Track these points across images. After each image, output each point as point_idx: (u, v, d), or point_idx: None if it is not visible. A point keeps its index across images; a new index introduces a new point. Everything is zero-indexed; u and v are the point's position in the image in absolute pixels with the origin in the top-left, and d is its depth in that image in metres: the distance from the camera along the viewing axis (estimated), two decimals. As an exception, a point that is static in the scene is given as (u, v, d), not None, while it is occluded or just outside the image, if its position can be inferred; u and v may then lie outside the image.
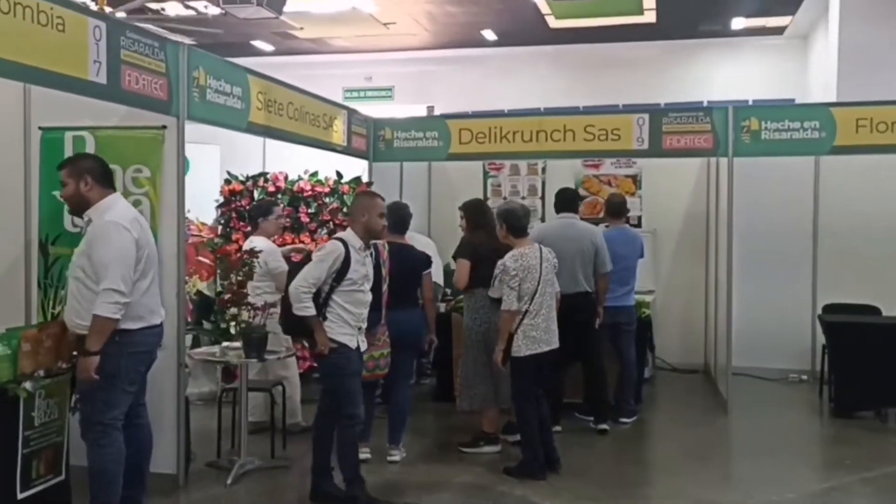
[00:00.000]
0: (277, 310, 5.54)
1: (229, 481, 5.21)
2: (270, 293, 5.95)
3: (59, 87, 4.25)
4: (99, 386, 4.07)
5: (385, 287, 5.63)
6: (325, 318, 4.76)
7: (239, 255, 5.69)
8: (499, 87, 16.09)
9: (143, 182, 5.12)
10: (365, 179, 7.74)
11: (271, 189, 7.43)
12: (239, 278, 5.34)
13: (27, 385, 4.10)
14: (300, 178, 7.57)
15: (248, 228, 7.01)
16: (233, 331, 5.35)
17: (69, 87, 4.27)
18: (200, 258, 7.24)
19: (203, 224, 7.31)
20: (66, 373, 4.39)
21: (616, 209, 7.05)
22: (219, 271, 5.91)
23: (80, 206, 4.33)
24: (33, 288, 5.31)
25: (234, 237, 7.30)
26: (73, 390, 4.50)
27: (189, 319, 5.85)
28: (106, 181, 4.37)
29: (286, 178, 7.55)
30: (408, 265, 5.72)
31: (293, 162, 7.73)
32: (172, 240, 5.08)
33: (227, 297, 5.33)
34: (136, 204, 5.11)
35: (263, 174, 7.54)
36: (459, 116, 8.03)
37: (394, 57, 17.08)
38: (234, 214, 7.39)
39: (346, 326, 4.81)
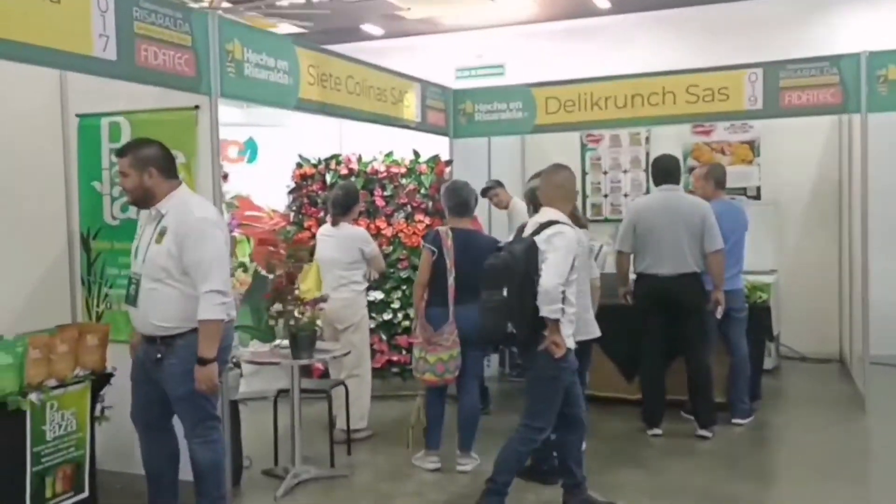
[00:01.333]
0: (325, 306, 4.99)
1: (279, 493, 4.69)
2: (359, 282, 5.69)
3: (60, 66, 3.85)
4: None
5: (451, 280, 4.98)
6: None
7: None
8: (614, 57, 14.90)
9: (179, 169, 4.64)
10: (446, 158, 7.08)
11: (343, 171, 6.88)
12: (287, 270, 4.80)
13: (33, 397, 3.67)
14: (374, 160, 6.98)
15: (321, 214, 6.51)
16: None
17: (72, 65, 3.79)
18: (272, 248, 6.78)
19: (274, 211, 6.84)
20: (84, 381, 3.95)
21: (721, 179, 6.07)
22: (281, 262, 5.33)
23: (143, 199, 3.89)
24: (77, 285, 4.95)
25: (306, 224, 6.81)
26: (97, 399, 4.10)
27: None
28: (171, 171, 3.93)
29: (359, 159, 6.97)
30: (474, 253, 5.03)
31: (371, 142, 7.14)
32: (210, 231, 4.59)
33: (275, 290, 4.76)
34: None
35: (335, 156, 6.99)
36: (545, 84, 7.16)
37: (504, 32, 16.27)
38: (305, 200, 6.89)
39: (569, 326, 4.13)
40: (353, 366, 5.79)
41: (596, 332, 4.93)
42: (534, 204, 4.85)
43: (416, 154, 7.00)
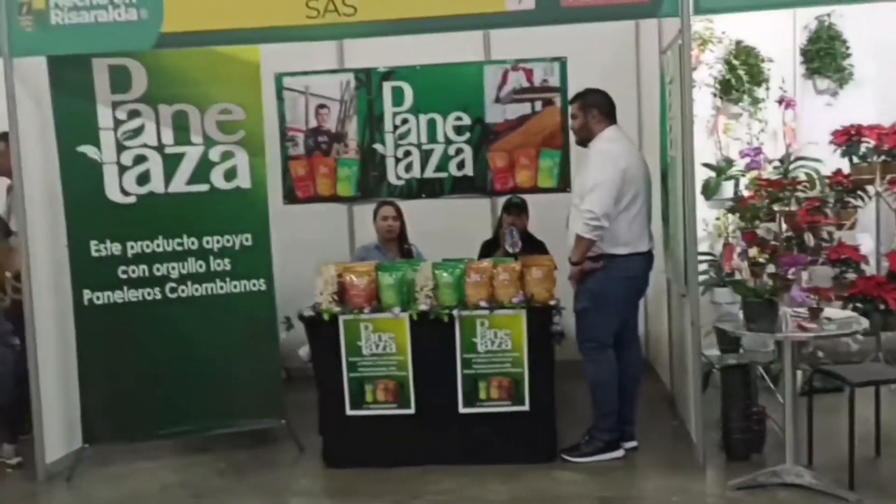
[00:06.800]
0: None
1: (737, 482, 3.68)
2: None
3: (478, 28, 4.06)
4: (589, 307, 4.15)
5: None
6: None
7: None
8: None
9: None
10: None
11: None
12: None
13: (455, 311, 4.11)
14: None
15: None
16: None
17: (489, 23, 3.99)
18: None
19: None
20: (516, 307, 4.11)
21: None
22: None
23: (585, 138, 4.30)
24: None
25: None
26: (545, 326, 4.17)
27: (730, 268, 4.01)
28: (609, 114, 4.21)
29: None
30: None
31: None
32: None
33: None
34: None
35: None
36: None
37: None
38: None
39: None
40: None
41: None
42: None
43: None
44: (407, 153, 5.46)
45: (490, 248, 5.26)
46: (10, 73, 3.97)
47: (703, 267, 4.87)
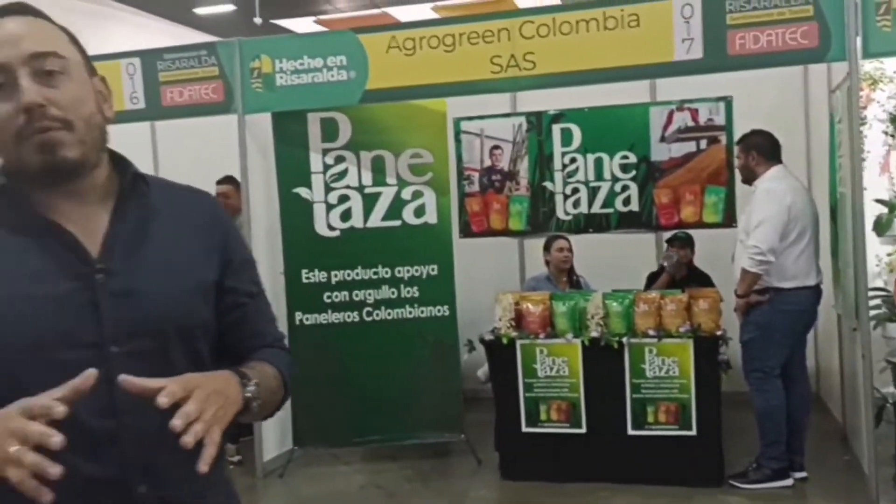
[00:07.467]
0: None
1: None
2: None
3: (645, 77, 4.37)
4: (755, 337, 4.32)
5: None
6: None
7: None
8: None
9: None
10: None
11: None
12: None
13: (624, 339, 4.37)
14: None
15: None
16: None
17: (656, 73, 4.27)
18: None
19: None
20: (683, 336, 4.31)
21: None
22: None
23: (749, 178, 4.52)
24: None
25: None
26: (710, 355, 4.35)
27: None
28: (772, 155, 4.41)
29: None
30: None
31: None
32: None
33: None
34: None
35: None
36: None
37: None
38: None
39: None
40: None
41: None
42: None
43: None
44: (575, 190, 5.75)
45: (655, 280, 5.47)
46: (243, 128, 4.71)
47: (875, 302, 4.89)
